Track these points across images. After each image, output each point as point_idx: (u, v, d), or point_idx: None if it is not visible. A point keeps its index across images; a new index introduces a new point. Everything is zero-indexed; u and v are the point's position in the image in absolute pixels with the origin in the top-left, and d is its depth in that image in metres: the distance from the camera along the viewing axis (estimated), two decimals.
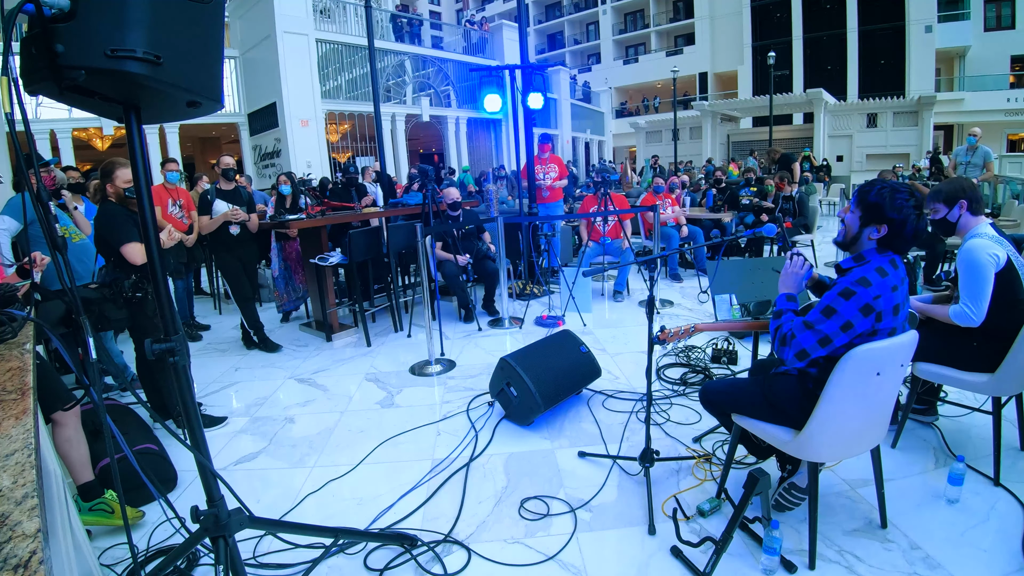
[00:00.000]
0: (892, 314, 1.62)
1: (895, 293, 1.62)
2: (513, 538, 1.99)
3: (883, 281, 1.60)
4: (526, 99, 5.44)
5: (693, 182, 9.59)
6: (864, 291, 1.58)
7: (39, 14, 0.97)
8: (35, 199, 1.12)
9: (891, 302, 1.61)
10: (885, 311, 1.60)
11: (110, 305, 2.73)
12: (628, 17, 30.79)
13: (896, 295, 1.63)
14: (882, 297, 1.59)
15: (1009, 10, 21.49)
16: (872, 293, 1.58)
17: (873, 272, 1.61)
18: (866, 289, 1.58)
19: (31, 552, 0.67)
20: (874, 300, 1.58)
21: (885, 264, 1.65)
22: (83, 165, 12.57)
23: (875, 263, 1.65)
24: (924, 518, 1.98)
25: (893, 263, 1.67)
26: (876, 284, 1.59)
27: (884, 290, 1.59)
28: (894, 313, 1.63)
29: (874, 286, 1.59)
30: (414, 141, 18.21)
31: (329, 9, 13.41)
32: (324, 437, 2.85)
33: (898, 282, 1.65)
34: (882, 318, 1.60)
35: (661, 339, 2.04)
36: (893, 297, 1.61)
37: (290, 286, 4.93)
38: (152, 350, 1.27)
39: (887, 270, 1.63)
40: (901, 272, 1.68)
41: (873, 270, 1.62)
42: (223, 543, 1.41)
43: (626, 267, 5.66)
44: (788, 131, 22.44)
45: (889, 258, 1.68)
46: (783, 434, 1.82)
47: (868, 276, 1.60)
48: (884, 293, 1.59)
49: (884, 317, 1.61)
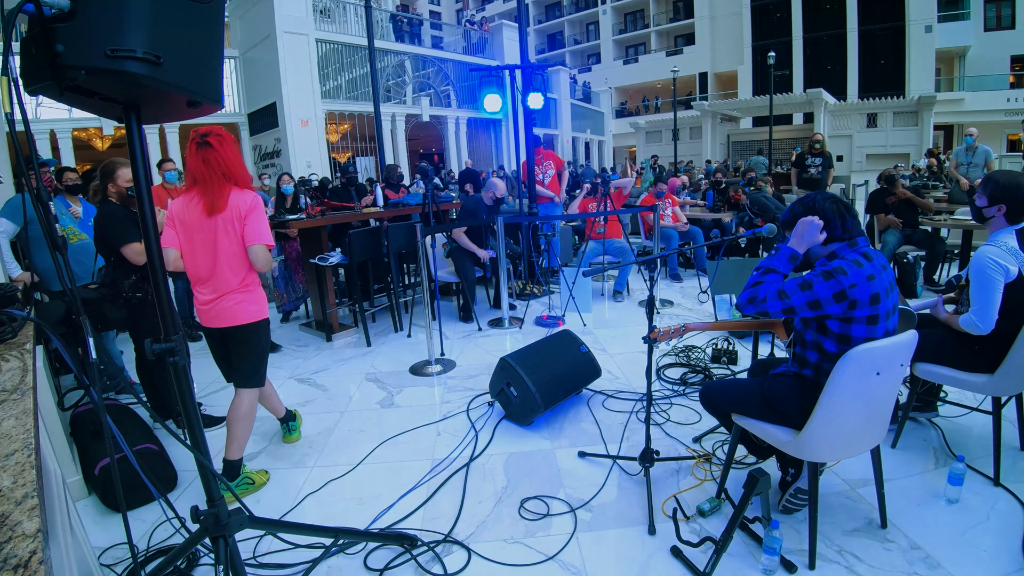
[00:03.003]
0: (869, 303, 1.67)
1: (871, 282, 1.68)
2: (513, 538, 1.99)
3: (858, 271, 1.68)
4: (526, 99, 5.45)
5: (693, 182, 9.59)
6: (841, 278, 1.67)
7: (39, 14, 0.97)
8: (35, 199, 1.12)
9: (867, 291, 1.67)
10: (860, 300, 1.66)
11: (109, 305, 2.73)
12: (628, 17, 30.80)
13: (873, 284, 1.68)
14: (858, 286, 1.66)
15: (1009, 10, 21.50)
16: (848, 281, 1.66)
17: (850, 263, 1.70)
18: (843, 277, 1.67)
19: (31, 552, 0.67)
20: (849, 288, 1.66)
21: (858, 257, 1.73)
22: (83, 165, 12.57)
23: (850, 257, 1.73)
24: (924, 518, 1.98)
25: (867, 255, 1.74)
26: (852, 274, 1.68)
27: (859, 279, 1.67)
28: (871, 302, 1.67)
29: (850, 275, 1.67)
30: (414, 141, 18.21)
31: (329, 9, 13.42)
32: (324, 437, 2.85)
33: (874, 271, 1.70)
34: (856, 306, 1.67)
35: (652, 338, 2.06)
36: (869, 286, 1.67)
37: (290, 286, 4.93)
38: (152, 350, 1.27)
39: (862, 262, 1.71)
40: (877, 264, 1.73)
41: (850, 261, 1.71)
42: (223, 543, 1.41)
43: (626, 267, 5.66)
44: (788, 131, 22.45)
45: (862, 251, 1.75)
46: (783, 434, 1.82)
47: (845, 266, 1.69)
48: (860, 282, 1.67)
49: (859, 306, 1.67)
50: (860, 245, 1.76)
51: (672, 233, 6.01)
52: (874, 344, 1.62)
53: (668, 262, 6.10)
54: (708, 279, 4.90)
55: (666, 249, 5.56)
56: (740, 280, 3.83)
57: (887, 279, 1.74)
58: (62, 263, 1.15)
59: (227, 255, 2.20)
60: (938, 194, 7.31)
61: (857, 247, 1.76)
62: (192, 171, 2.17)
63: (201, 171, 2.14)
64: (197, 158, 2.15)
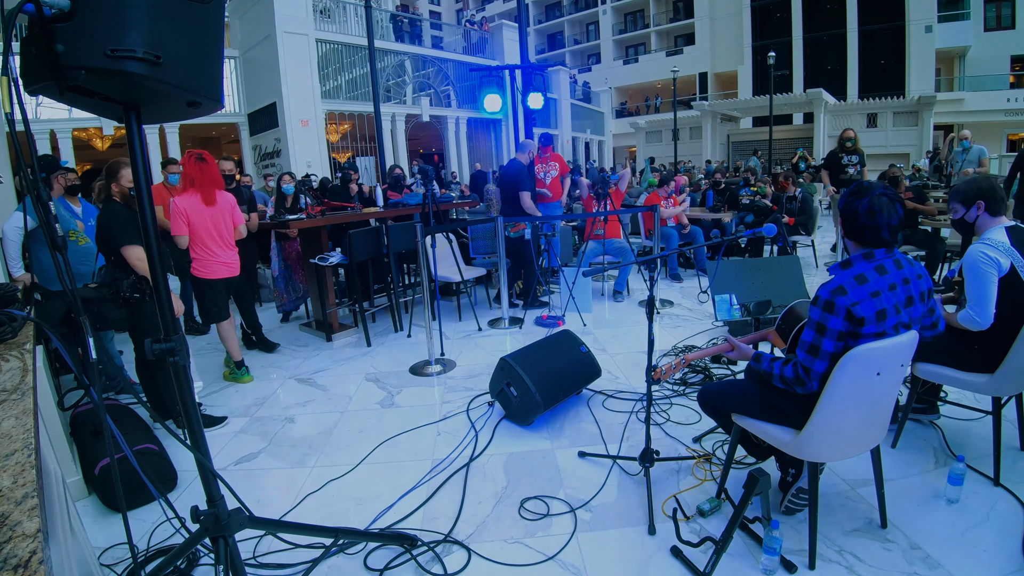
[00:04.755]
0: (876, 320, 1.59)
1: (875, 299, 1.59)
2: (513, 538, 1.99)
3: (860, 288, 1.59)
4: (526, 99, 5.45)
5: (693, 182, 9.60)
6: (840, 299, 1.58)
7: (39, 14, 0.97)
8: (35, 200, 1.12)
9: (872, 308, 1.58)
10: (868, 317, 1.58)
11: (109, 305, 2.73)
12: (628, 17, 30.80)
13: (879, 300, 1.59)
14: (861, 304, 1.58)
15: (1009, 10, 21.50)
16: (849, 300, 1.58)
17: (851, 280, 1.61)
18: (842, 297, 1.58)
19: (31, 552, 0.67)
20: (852, 307, 1.58)
21: (868, 270, 1.63)
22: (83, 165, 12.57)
23: (856, 270, 1.64)
24: (924, 518, 1.98)
25: (880, 268, 1.64)
26: (852, 292, 1.58)
27: (862, 296, 1.58)
28: (878, 319, 1.59)
29: (850, 294, 1.58)
30: (414, 141, 18.21)
31: (329, 9, 13.42)
32: (324, 437, 2.85)
33: (880, 287, 1.61)
34: (865, 323, 1.59)
35: (655, 378, 2.05)
36: (874, 303, 1.59)
37: (290, 286, 4.93)
38: (152, 350, 1.27)
39: (868, 276, 1.61)
40: (891, 278, 1.63)
41: (851, 277, 1.62)
42: (223, 543, 1.41)
43: (626, 267, 5.66)
44: (788, 131, 22.47)
45: (876, 263, 1.65)
46: (783, 434, 1.82)
47: (845, 284, 1.60)
48: (863, 299, 1.58)
49: (867, 323, 1.59)
50: (876, 257, 1.66)
51: (672, 233, 6.01)
52: (875, 344, 1.61)
53: (668, 262, 6.10)
54: (708, 279, 4.90)
55: (666, 249, 5.56)
56: (740, 280, 3.83)
57: (901, 295, 1.64)
58: (62, 263, 1.15)
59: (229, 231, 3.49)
60: (938, 194, 7.32)
61: (873, 259, 1.65)
62: (190, 175, 3.31)
63: (199, 177, 3.29)
64: (196, 168, 3.29)
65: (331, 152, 13.36)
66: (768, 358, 1.83)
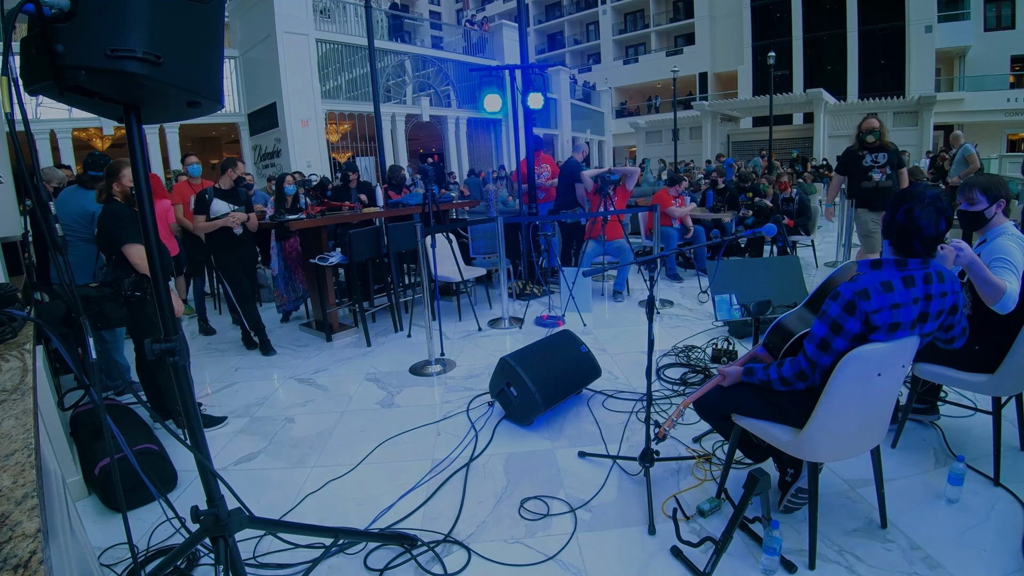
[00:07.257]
0: (887, 330, 1.58)
1: (894, 311, 1.56)
2: (513, 538, 1.99)
3: (884, 296, 1.57)
4: (526, 99, 5.44)
5: (693, 182, 9.59)
6: (863, 303, 1.57)
7: (39, 14, 0.97)
8: (35, 200, 1.12)
9: (888, 319, 1.57)
10: (881, 326, 1.58)
11: (110, 304, 2.73)
12: (628, 17, 30.79)
13: (897, 313, 1.57)
14: (880, 312, 1.56)
15: (1009, 10, 21.50)
16: (870, 307, 1.56)
17: (877, 285, 1.58)
18: (865, 302, 1.57)
19: (31, 552, 0.67)
20: (872, 313, 1.56)
21: (896, 279, 1.59)
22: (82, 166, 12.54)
23: (885, 275, 1.60)
24: (924, 518, 1.98)
25: (909, 280, 1.60)
26: (875, 299, 1.56)
27: (883, 305, 1.57)
28: (889, 330, 1.58)
29: (873, 300, 1.56)
30: (414, 141, 18.22)
31: (329, 9, 13.42)
32: (324, 437, 2.85)
33: (903, 300, 1.57)
34: (877, 331, 1.59)
35: (659, 436, 2.04)
36: (892, 315, 1.57)
37: (290, 286, 4.92)
38: (152, 350, 1.27)
39: (895, 286, 1.58)
40: (915, 292, 1.59)
41: (878, 283, 1.58)
42: (223, 543, 1.41)
43: (626, 267, 5.66)
44: (788, 131, 22.46)
45: (907, 273, 1.60)
46: (783, 434, 1.82)
47: (870, 289, 1.57)
48: (883, 308, 1.56)
49: (879, 331, 1.59)
50: (908, 267, 1.61)
51: (672, 233, 6.01)
52: (876, 345, 1.60)
53: (667, 262, 6.10)
54: (708, 279, 4.90)
55: (666, 249, 5.56)
56: (740, 280, 3.83)
57: (917, 311, 1.61)
58: (62, 263, 1.15)
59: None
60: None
61: (905, 268, 1.61)
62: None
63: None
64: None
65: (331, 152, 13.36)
66: (760, 368, 1.84)
